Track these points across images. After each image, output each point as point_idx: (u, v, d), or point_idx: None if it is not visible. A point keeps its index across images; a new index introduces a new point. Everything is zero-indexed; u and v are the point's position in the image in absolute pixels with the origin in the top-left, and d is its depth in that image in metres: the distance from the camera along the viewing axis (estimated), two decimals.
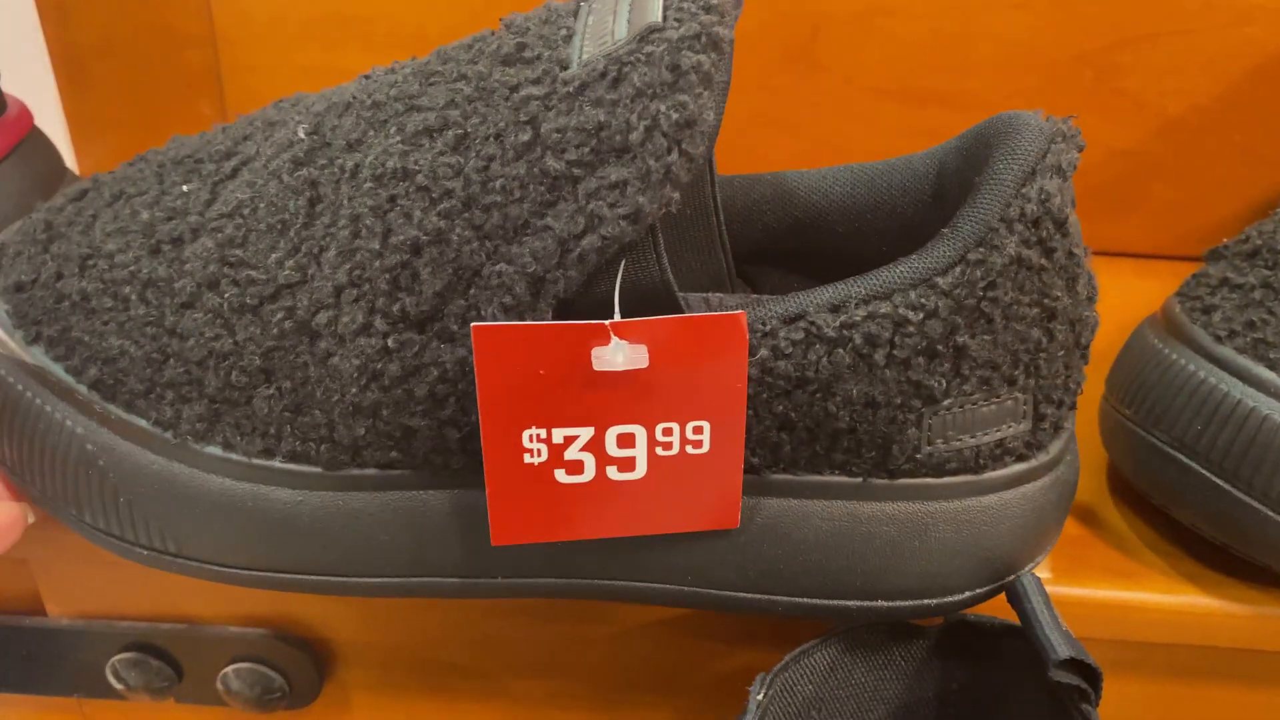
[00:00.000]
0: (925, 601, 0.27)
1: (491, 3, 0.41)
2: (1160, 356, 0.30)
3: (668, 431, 0.24)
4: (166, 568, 0.28)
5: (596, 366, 0.23)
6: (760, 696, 0.26)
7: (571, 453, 0.24)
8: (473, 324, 0.23)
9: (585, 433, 0.24)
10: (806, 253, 0.31)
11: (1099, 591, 0.31)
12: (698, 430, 0.24)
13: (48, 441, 0.27)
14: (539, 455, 0.24)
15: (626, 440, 0.24)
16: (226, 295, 0.26)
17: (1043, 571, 0.30)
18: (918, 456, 0.25)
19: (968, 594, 0.27)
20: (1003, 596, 0.27)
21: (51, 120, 0.48)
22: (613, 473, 0.25)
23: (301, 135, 0.27)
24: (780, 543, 0.26)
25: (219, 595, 0.34)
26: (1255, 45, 0.42)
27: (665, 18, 0.23)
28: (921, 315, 0.24)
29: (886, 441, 0.25)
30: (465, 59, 0.26)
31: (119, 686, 0.36)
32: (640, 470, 0.25)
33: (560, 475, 0.25)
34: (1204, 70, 0.42)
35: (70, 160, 0.50)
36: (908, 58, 0.36)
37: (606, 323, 0.23)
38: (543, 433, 0.24)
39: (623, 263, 0.23)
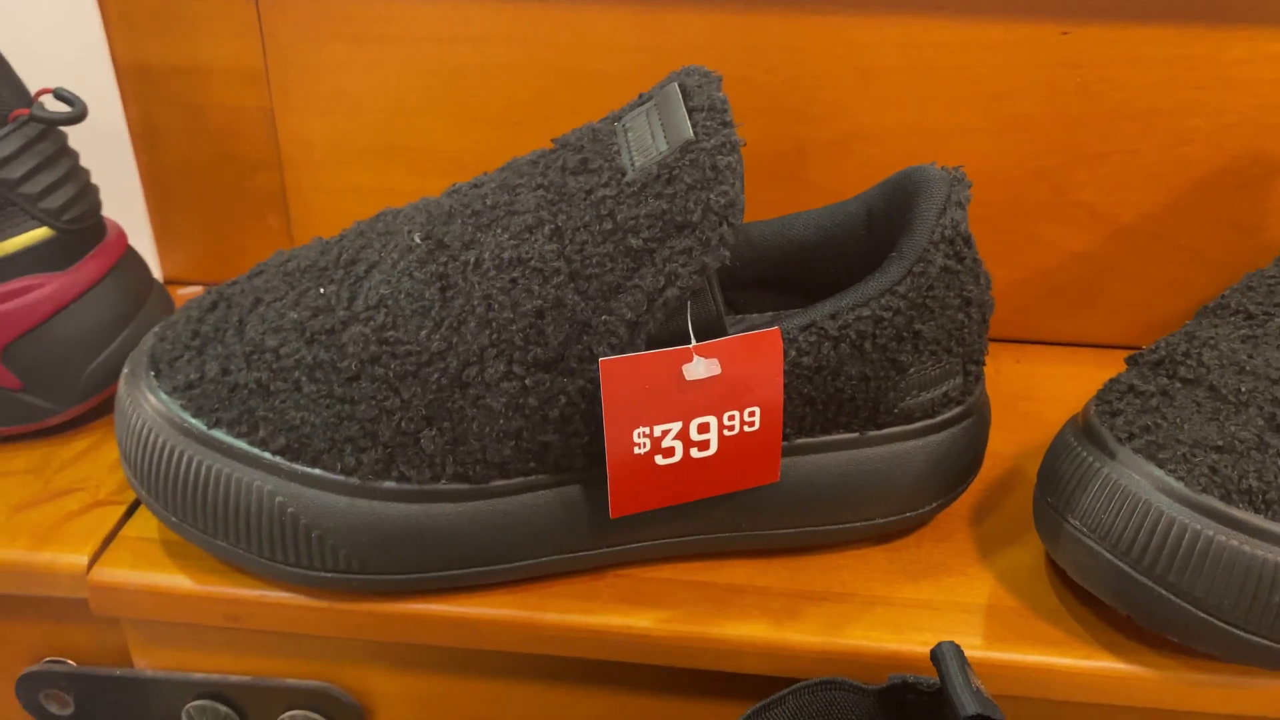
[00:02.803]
0: (907, 515, 0.39)
1: (514, 135, 0.50)
2: (1074, 453, 0.35)
3: (731, 417, 0.34)
4: (347, 586, 0.36)
5: (687, 378, 0.33)
6: None
7: (666, 442, 0.34)
8: (600, 359, 0.32)
9: (675, 426, 0.34)
10: (775, 280, 0.42)
11: (1028, 656, 0.35)
12: (751, 414, 0.35)
13: (240, 501, 0.35)
14: (644, 447, 0.34)
15: (704, 428, 0.34)
16: (391, 367, 0.34)
17: (976, 638, 0.36)
18: (895, 411, 0.37)
19: (935, 505, 0.39)
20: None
21: (140, 232, 0.55)
22: (694, 453, 0.35)
23: (418, 241, 0.36)
24: (806, 487, 0.37)
25: (279, 651, 0.41)
26: (1195, 163, 0.47)
27: (697, 133, 0.33)
28: (891, 313, 0.35)
29: (875, 403, 0.36)
30: (536, 172, 0.36)
31: None
32: (713, 449, 0.35)
33: (658, 459, 0.34)
34: (1151, 184, 0.48)
35: (154, 265, 0.56)
36: (884, 175, 0.39)
37: (690, 346, 0.33)
38: (647, 429, 0.34)
39: (689, 304, 0.33)
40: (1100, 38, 0.46)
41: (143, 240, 0.55)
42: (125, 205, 0.54)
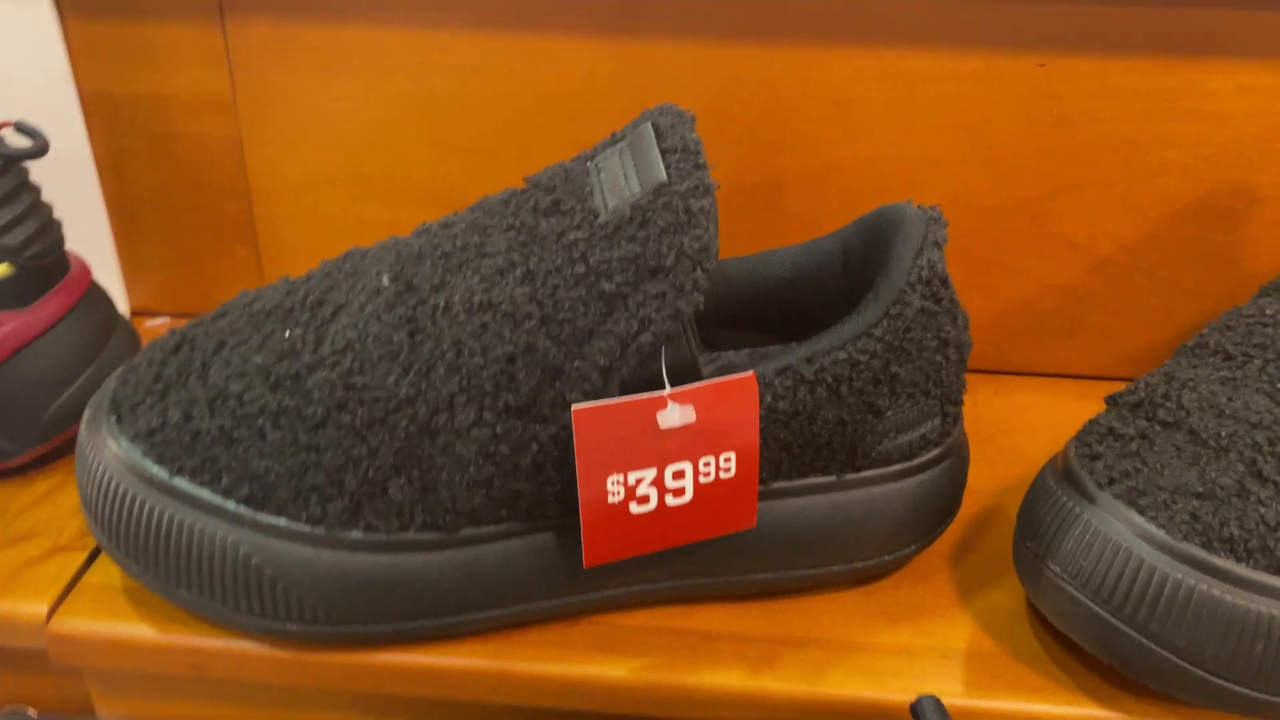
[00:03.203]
0: (885, 558, 0.38)
1: (487, 166, 0.50)
2: (1054, 498, 0.34)
3: (707, 464, 0.34)
4: (314, 637, 0.35)
5: (661, 426, 0.32)
6: None
7: (641, 489, 0.34)
8: (573, 406, 0.32)
9: (650, 473, 0.33)
10: (751, 317, 0.41)
11: (1008, 703, 0.35)
12: (727, 460, 0.34)
13: (203, 553, 0.34)
14: (618, 495, 0.33)
15: (679, 474, 0.34)
16: (358, 413, 0.33)
17: (956, 685, 0.35)
18: (873, 454, 0.36)
19: (913, 547, 0.38)
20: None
21: (107, 262, 0.54)
22: (669, 500, 0.34)
23: (386, 283, 0.35)
24: (782, 532, 0.36)
25: (246, 701, 0.40)
26: (1170, 194, 0.47)
27: (670, 175, 0.33)
28: (868, 356, 0.34)
29: (852, 447, 0.36)
30: (508, 212, 0.35)
31: None
32: (688, 496, 0.34)
33: (633, 507, 0.34)
34: (1128, 215, 0.48)
35: (121, 296, 0.55)
36: (862, 206, 0.39)
37: (664, 393, 0.32)
38: (621, 477, 0.33)
39: (664, 349, 0.33)
40: (1077, 70, 0.45)
41: (109, 270, 0.54)
42: (92, 235, 0.53)
